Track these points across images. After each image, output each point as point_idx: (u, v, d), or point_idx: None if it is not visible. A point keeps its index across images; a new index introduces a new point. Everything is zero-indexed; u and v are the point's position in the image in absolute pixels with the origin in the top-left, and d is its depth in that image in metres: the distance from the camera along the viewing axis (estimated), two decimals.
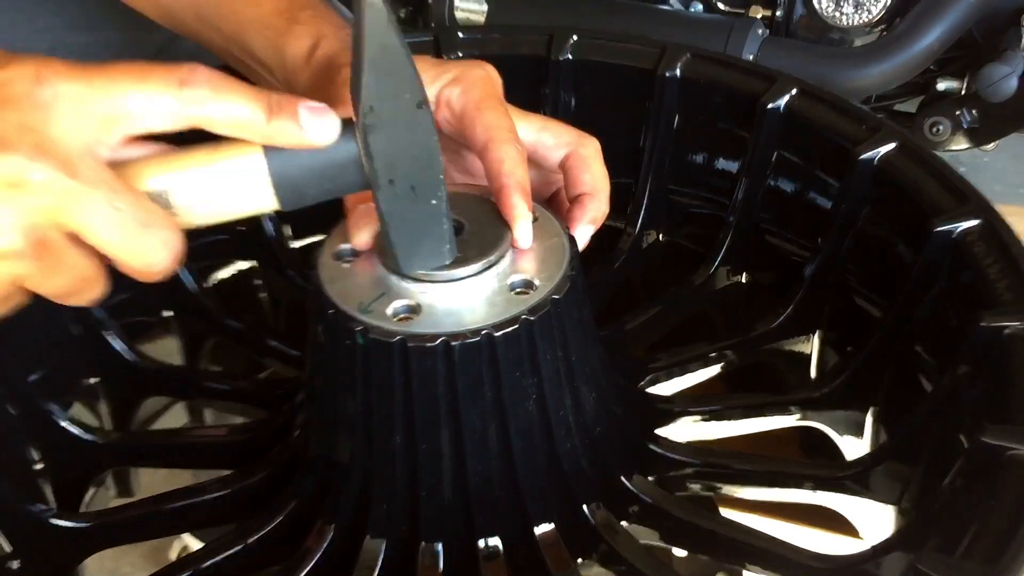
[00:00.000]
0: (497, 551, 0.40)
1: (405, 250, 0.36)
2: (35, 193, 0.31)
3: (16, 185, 0.31)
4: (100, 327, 0.51)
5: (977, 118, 1.03)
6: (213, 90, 0.33)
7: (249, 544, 0.41)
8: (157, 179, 0.34)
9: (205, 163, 0.34)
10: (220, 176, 0.34)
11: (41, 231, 0.32)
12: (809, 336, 0.52)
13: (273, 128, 0.34)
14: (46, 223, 0.32)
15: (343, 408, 0.39)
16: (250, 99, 0.33)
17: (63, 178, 0.31)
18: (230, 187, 0.34)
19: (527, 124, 0.42)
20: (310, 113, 0.34)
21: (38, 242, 0.32)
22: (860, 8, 1.01)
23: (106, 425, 0.54)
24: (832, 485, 0.44)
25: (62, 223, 0.32)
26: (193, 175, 0.34)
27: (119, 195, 0.32)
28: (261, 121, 0.33)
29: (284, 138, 0.34)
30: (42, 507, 0.45)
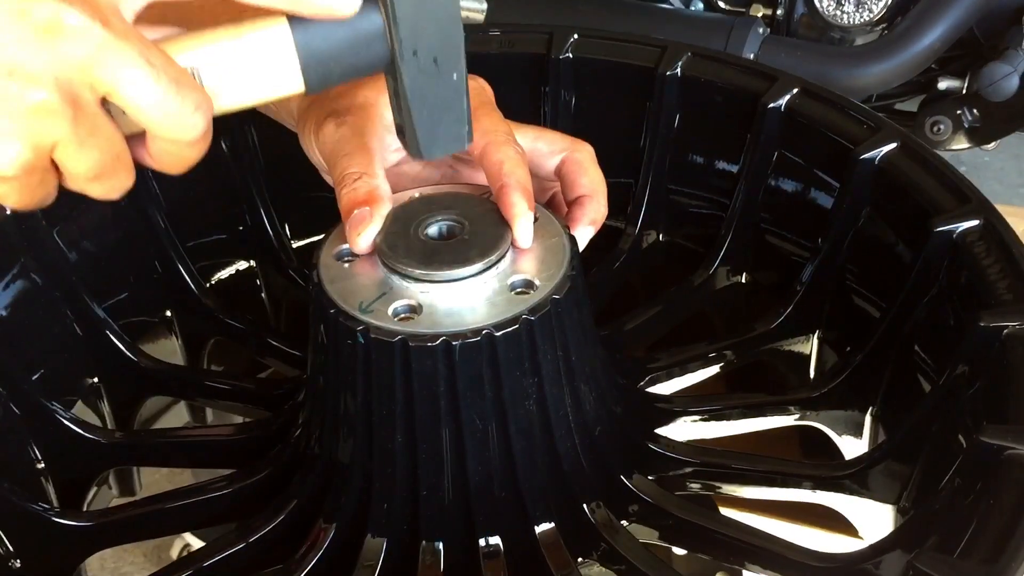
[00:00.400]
0: (497, 550, 0.40)
1: (426, 130, 0.36)
2: (70, 39, 0.29)
3: (50, 30, 0.29)
4: (101, 327, 0.51)
5: (978, 117, 1.03)
6: None
7: (250, 543, 0.42)
8: (184, 56, 0.33)
9: (231, 38, 0.33)
10: (247, 51, 0.33)
11: (76, 88, 0.30)
12: (808, 336, 0.52)
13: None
14: (80, 78, 0.30)
15: (344, 407, 0.39)
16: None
17: (98, 26, 0.29)
18: (257, 63, 0.33)
19: (521, 134, 0.43)
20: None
21: (72, 99, 0.30)
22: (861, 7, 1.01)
23: (108, 424, 0.54)
24: (831, 484, 0.44)
25: (96, 77, 0.30)
26: (220, 50, 0.33)
27: (151, 50, 0.31)
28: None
29: (310, 4, 0.33)
30: (44, 506, 0.45)
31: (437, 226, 0.40)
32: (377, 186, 0.39)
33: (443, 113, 0.36)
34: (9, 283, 0.47)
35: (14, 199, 0.32)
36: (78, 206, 0.51)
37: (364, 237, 0.38)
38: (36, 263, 0.49)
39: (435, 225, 0.40)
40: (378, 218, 0.39)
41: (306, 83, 0.34)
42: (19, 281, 0.48)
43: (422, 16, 0.34)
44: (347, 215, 0.39)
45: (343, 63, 0.34)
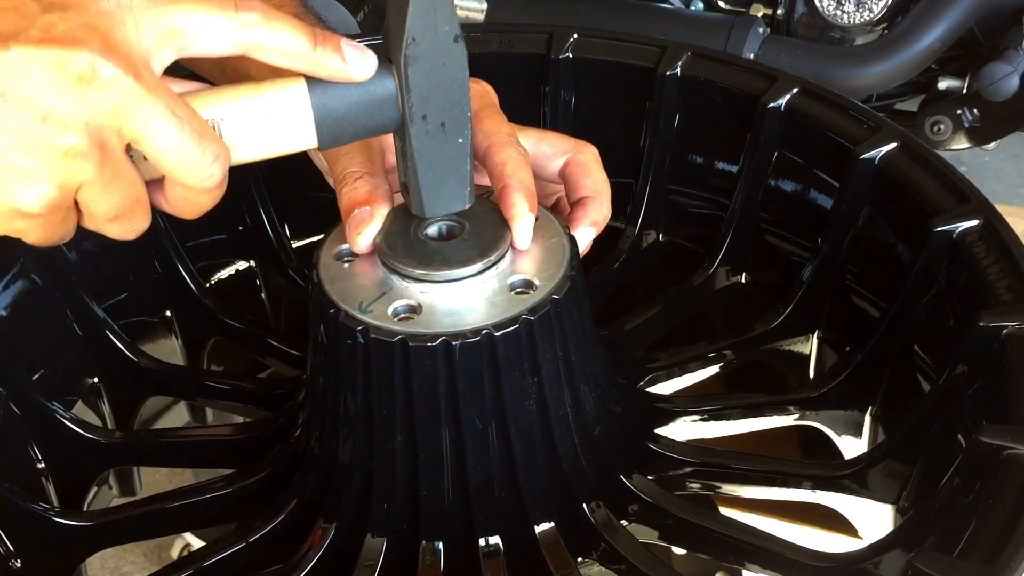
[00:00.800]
0: (497, 550, 0.40)
1: (430, 191, 0.38)
2: (103, 89, 0.31)
3: (86, 80, 0.31)
4: (101, 327, 0.51)
5: (978, 117, 1.02)
6: (265, 16, 0.34)
7: (250, 543, 0.42)
8: (207, 110, 0.34)
9: (251, 95, 0.35)
10: (266, 108, 0.35)
11: (104, 133, 0.32)
12: (808, 336, 0.52)
13: (318, 57, 0.35)
14: (109, 124, 0.32)
15: (344, 407, 0.39)
16: (297, 28, 0.35)
17: (130, 79, 0.31)
18: (274, 120, 0.35)
19: (524, 136, 0.43)
20: (350, 46, 0.35)
21: (100, 144, 0.32)
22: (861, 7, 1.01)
23: (108, 424, 0.54)
24: (831, 484, 0.44)
25: (125, 126, 0.32)
26: (240, 106, 0.35)
27: (178, 103, 0.33)
28: (307, 49, 0.34)
29: (327, 68, 0.35)
30: (44, 506, 0.45)
31: (437, 226, 0.40)
32: (378, 185, 0.40)
33: (447, 175, 0.38)
34: (9, 283, 0.47)
35: (36, 236, 0.34)
36: None
37: (364, 236, 0.39)
38: (36, 263, 0.49)
39: (435, 225, 0.40)
40: (378, 218, 0.39)
41: (319, 140, 0.36)
42: (19, 281, 0.48)
43: (433, 84, 0.36)
44: (347, 214, 0.39)
45: (356, 123, 0.36)
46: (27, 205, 0.32)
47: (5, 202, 0.32)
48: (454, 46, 0.35)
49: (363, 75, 0.35)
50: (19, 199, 0.32)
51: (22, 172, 0.31)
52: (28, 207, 0.32)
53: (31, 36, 0.30)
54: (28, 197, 0.32)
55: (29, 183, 0.31)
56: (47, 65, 0.30)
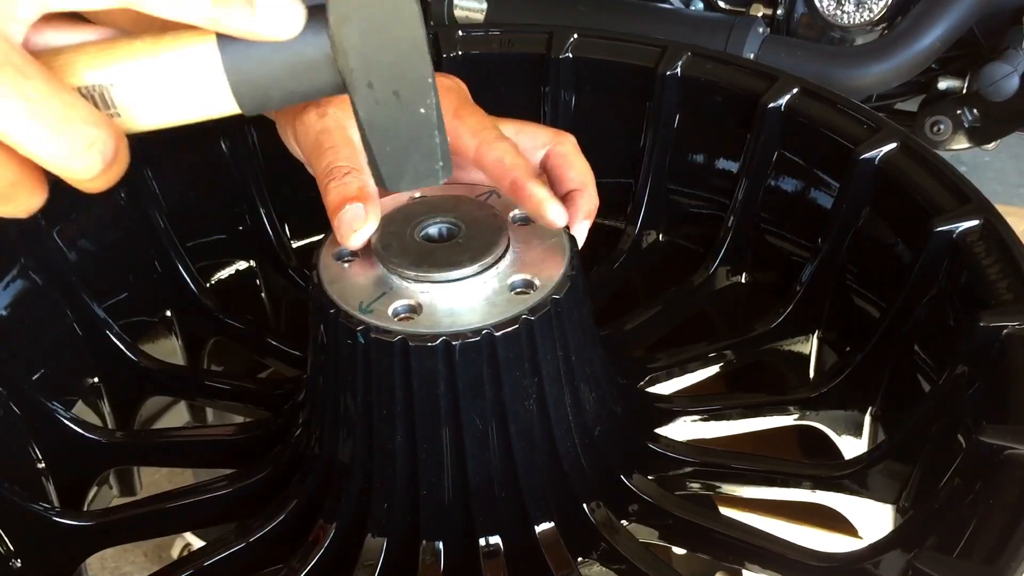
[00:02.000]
0: (497, 549, 0.40)
1: (390, 166, 0.32)
2: None
3: None
4: (101, 327, 0.51)
5: (978, 117, 1.02)
6: None
7: (251, 543, 0.42)
8: (94, 72, 0.29)
9: (148, 53, 0.29)
10: (166, 69, 0.29)
11: None
12: (808, 336, 0.52)
13: (219, 10, 0.28)
14: None
15: (344, 407, 0.39)
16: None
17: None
18: (179, 83, 0.30)
19: (503, 127, 0.42)
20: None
21: None
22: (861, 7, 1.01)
23: (108, 424, 0.54)
24: (831, 484, 0.44)
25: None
26: (135, 67, 0.29)
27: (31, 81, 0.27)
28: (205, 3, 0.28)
29: (233, 25, 0.28)
30: (45, 506, 0.45)
31: (436, 226, 0.40)
32: (367, 183, 0.37)
33: (410, 148, 0.32)
34: (9, 283, 0.47)
35: None
36: (78, 206, 0.51)
37: (360, 235, 0.36)
38: (36, 263, 0.49)
39: (434, 225, 0.40)
40: (373, 216, 0.36)
41: (241, 105, 0.31)
42: (19, 281, 0.48)
43: (373, 46, 0.30)
44: (336, 210, 0.36)
45: (284, 88, 0.30)
46: None
47: None
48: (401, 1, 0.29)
49: (283, 34, 0.29)
50: None
51: None
52: None
53: None
54: None
55: None
56: None
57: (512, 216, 0.41)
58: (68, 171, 0.29)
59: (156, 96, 0.30)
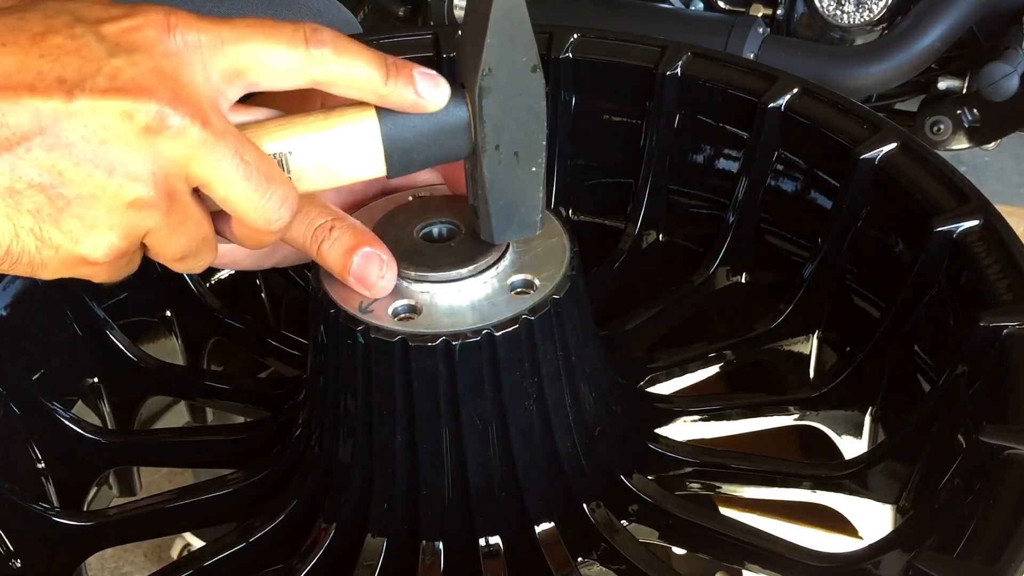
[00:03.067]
0: (497, 550, 0.40)
1: (500, 218, 0.37)
2: (171, 139, 0.30)
3: (154, 131, 0.30)
4: (101, 327, 0.51)
5: (978, 117, 1.03)
6: (336, 49, 0.33)
7: (250, 543, 0.42)
8: (275, 143, 0.34)
9: (321, 127, 0.34)
10: (335, 140, 0.34)
11: (171, 182, 0.31)
12: (808, 336, 0.52)
13: (390, 89, 0.34)
14: (177, 173, 0.31)
15: (344, 407, 0.39)
16: (369, 60, 0.34)
17: (197, 127, 0.31)
18: (344, 151, 0.35)
19: None
20: (424, 76, 0.34)
21: (167, 193, 0.31)
22: (861, 7, 1.01)
23: (108, 424, 0.54)
24: (831, 484, 0.44)
25: (192, 173, 0.31)
26: (310, 139, 0.34)
27: (246, 147, 0.32)
28: (379, 82, 0.34)
29: (399, 100, 0.34)
30: (44, 506, 0.45)
31: (436, 227, 0.40)
32: (355, 223, 0.37)
33: (518, 202, 0.37)
34: (9, 283, 0.47)
35: (102, 277, 0.33)
36: None
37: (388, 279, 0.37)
38: None
39: (434, 226, 0.40)
40: (386, 252, 0.37)
41: (388, 169, 0.36)
42: (19, 281, 0.48)
43: (508, 115, 0.35)
44: (345, 268, 0.36)
45: (426, 152, 0.36)
46: (92, 254, 0.31)
47: (70, 252, 0.31)
48: (532, 76, 0.35)
49: (436, 106, 0.34)
50: (84, 249, 0.31)
51: (87, 223, 0.31)
52: (93, 256, 0.32)
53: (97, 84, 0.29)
54: (93, 247, 0.31)
55: (94, 234, 0.31)
56: (114, 117, 0.30)
57: None
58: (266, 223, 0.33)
59: (323, 163, 0.35)
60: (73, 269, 0.32)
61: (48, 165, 0.30)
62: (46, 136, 0.29)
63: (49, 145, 0.29)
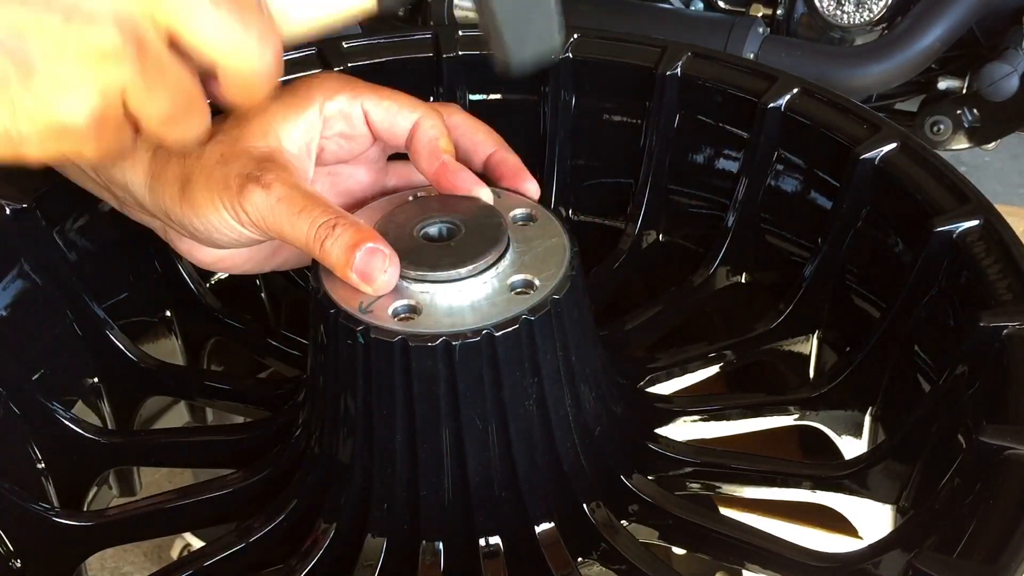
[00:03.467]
0: (498, 550, 0.40)
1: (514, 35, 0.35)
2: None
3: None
4: (101, 327, 0.51)
5: (978, 117, 1.02)
6: None
7: (250, 543, 0.42)
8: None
9: None
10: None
11: (137, 26, 0.29)
12: (808, 336, 0.52)
13: None
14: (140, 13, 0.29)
15: (344, 408, 0.39)
16: None
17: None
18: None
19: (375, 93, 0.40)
20: None
21: (135, 39, 0.29)
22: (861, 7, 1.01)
23: (108, 424, 0.54)
24: (831, 484, 0.44)
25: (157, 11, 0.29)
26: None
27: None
28: None
29: None
30: (44, 506, 0.45)
31: (436, 226, 0.40)
32: (357, 221, 0.36)
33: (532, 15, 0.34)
34: (9, 283, 0.47)
35: (91, 151, 0.31)
36: (78, 206, 0.51)
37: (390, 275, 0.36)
38: (36, 263, 0.49)
39: (434, 226, 0.40)
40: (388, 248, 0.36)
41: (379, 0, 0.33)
42: (19, 281, 0.48)
43: None
44: (347, 264, 0.35)
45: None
46: (72, 118, 0.29)
47: (49, 118, 0.29)
48: None
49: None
50: (62, 112, 0.29)
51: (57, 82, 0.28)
52: (73, 120, 0.29)
53: None
54: (71, 109, 0.29)
55: (68, 93, 0.29)
56: None
57: (512, 216, 0.41)
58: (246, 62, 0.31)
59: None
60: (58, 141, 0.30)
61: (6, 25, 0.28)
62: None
63: None
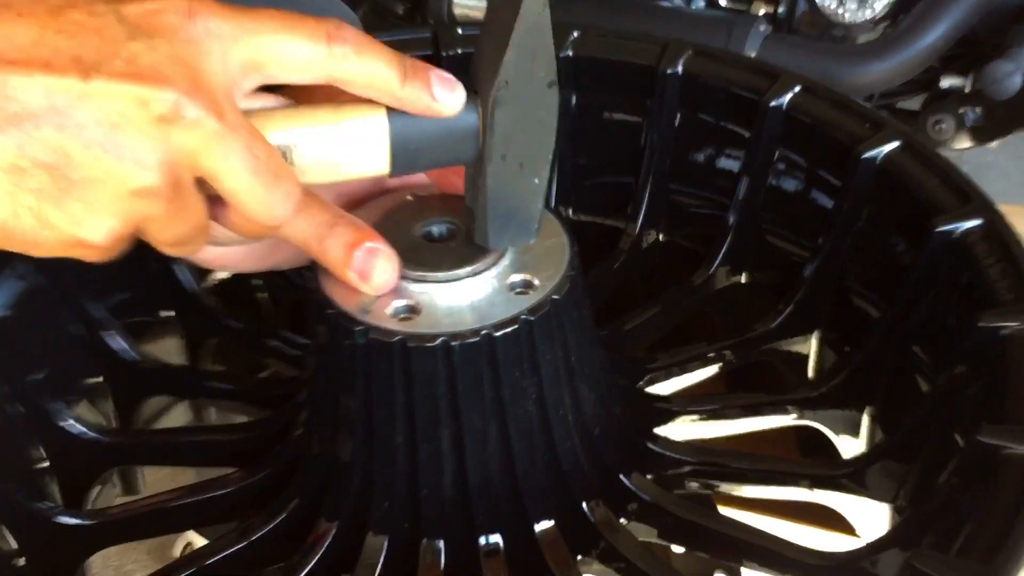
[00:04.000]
0: (498, 548, 0.40)
1: (497, 225, 0.37)
2: (185, 130, 0.30)
3: (168, 120, 0.30)
4: (102, 327, 0.52)
5: (981, 116, 1.02)
6: (357, 48, 0.33)
7: (252, 541, 0.42)
8: (281, 133, 0.33)
9: (330, 121, 0.34)
10: (343, 135, 0.34)
11: (179, 171, 0.31)
12: (808, 336, 0.52)
13: (406, 92, 0.34)
14: (186, 163, 0.31)
15: (344, 407, 0.40)
16: (389, 61, 0.33)
17: (212, 119, 0.30)
18: (350, 147, 0.34)
19: None
20: (441, 81, 0.34)
21: (173, 182, 0.31)
22: (863, 5, 1.01)
23: (110, 424, 0.54)
24: (829, 483, 0.44)
25: (200, 165, 0.31)
26: (317, 132, 0.34)
27: (257, 142, 0.32)
28: (396, 84, 0.33)
29: (414, 103, 0.34)
30: (48, 505, 0.45)
31: (435, 226, 0.40)
32: (357, 221, 0.37)
33: (517, 211, 0.37)
34: (9, 283, 0.48)
35: (93, 258, 0.33)
36: None
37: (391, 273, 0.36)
38: (36, 263, 0.49)
39: (433, 225, 0.40)
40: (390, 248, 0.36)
41: (392, 168, 0.35)
42: (19, 281, 0.48)
43: (518, 127, 0.35)
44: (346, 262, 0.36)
45: (431, 155, 0.35)
46: (91, 238, 0.31)
47: (69, 234, 0.31)
48: (547, 92, 0.35)
49: (450, 111, 0.34)
50: (84, 232, 0.31)
51: (90, 207, 0.30)
52: (92, 239, 0.31)
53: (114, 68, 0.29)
54: (93, 230, 0.31)
55: (96, 218, 0.31)
56: (129, 103, 0.29)
57: None
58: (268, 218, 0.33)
59: (328, 156, 0.34)
60: (68, 250, 0.32)
61: (56, 145, 0.29)
62: (57, 116, 0.29)
63: (59, 125, 0.29)
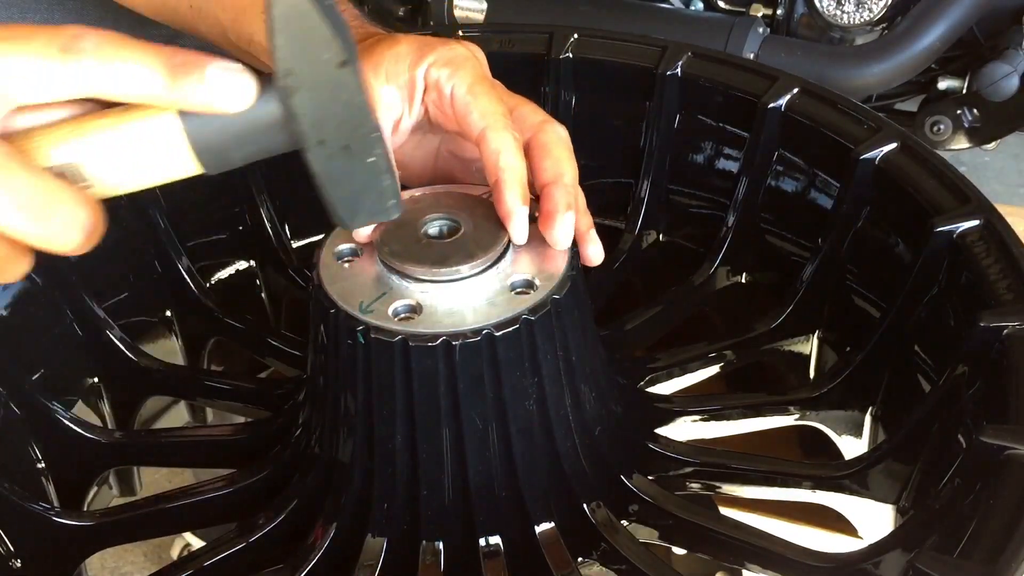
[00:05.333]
0: (498, 549, 0.40)
1: (345, 208, 0.35)
2: None
3: None
4: (102, 327, 0.51)
5: (978, 117, 1.02)
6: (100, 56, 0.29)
7: (250, 543, 0.42)
8: (63, 150, 0.31)
9: (114, 128, 0.31)
10: (132, 140, 0.31)
11: None
12: (808, 336, 0.52)
13: (178, 93, 0.30)
14: None
15: (344, 407, 0.39)
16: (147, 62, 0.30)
17: None
18: (145, 152, 0.32)
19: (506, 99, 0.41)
20: (221, 73, 0.30)
21: None
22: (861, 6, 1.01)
23: (108, 424, 0.54)
24: (831, 484, 0.44)
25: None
26: (102, 142, 0.31)
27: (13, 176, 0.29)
28: (161, 86, 0.30)
29: (191, 102, 0.30)
30: (45, 506, 0.45)
31: (437, 226, 0.40)
32: None
33: (363, 192, 0.35)
34: (9, 283, 0.47)
35: None
36: None
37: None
38: (36, 263, 0.49)
39: (435, 225, 0.40)
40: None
41: (204, 166, 0.33)
42: (19, 281, 0.48)
43: (325, 111, 0.32)
44: None
45: (242, 149, 0.33)
46: None
47: None
48: (340, 72, 0.31)
49: (237, 107, 0.31)
50: None
51: None
52: None
53: None
54: None
55: None
56: None
57: None
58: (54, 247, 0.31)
59: (124, 166, 0.32)
60: None
61: None
62: None
63: None
